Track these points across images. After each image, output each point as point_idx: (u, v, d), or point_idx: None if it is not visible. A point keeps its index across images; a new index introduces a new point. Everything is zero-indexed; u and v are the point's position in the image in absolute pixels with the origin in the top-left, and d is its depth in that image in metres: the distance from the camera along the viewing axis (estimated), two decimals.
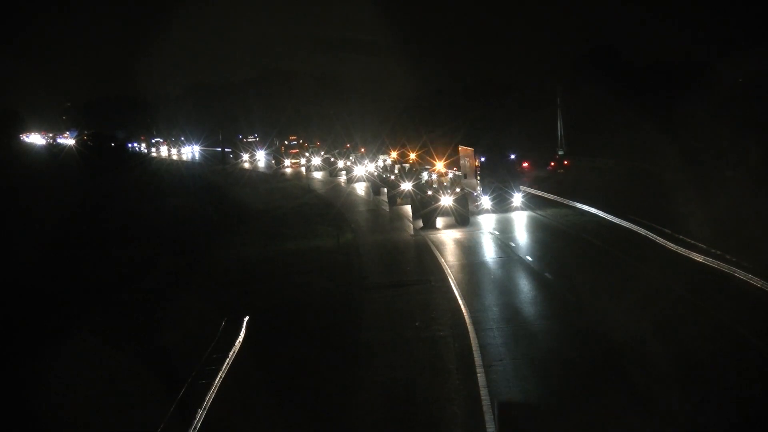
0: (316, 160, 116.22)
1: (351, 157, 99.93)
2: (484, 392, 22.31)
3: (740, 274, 32.54)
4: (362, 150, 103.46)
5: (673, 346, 24.81)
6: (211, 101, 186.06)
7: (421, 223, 53.88)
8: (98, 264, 45.54)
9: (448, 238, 49.82)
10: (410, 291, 35.82)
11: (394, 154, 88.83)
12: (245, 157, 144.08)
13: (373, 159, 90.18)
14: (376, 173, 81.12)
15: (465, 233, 50.78)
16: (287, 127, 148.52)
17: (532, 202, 59.03)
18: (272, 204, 75.15)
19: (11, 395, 25.44)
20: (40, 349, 29.58)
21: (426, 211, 53.54)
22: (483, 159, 58.25)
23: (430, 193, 54.26)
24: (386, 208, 66.58)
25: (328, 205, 72.83)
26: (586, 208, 53.70)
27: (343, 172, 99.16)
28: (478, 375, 23.64)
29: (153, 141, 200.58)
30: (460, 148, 66.45)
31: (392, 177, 69.65)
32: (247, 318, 30.18)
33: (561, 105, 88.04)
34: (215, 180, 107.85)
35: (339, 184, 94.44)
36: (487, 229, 51.41)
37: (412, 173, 63.48)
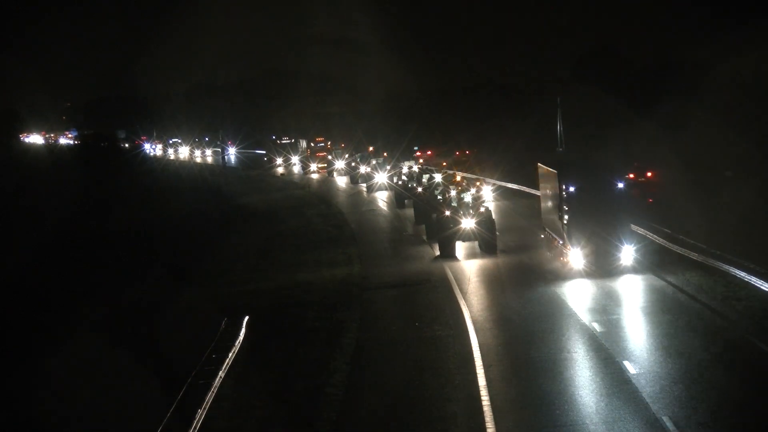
0: (340, 164, 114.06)
1: (373, 161, 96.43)
2: None
3: None
4: (385, 154, 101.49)
5: None
6: (214, 101, 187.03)
7: (438, 250, 48.99)
8: (98, 265, 47.66)
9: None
10: None
11: (421, 160, 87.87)
12: (279, 161, 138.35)
13: (397, 165, 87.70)
14: (400, 182, 77.98)
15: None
16: (313, 128, 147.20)
17: (647, 256, 40.60)
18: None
19: (11, 395, 27.41)
20: (39, 349, 31.68)
21: (443, 235, 48.42)
22: (572, 189, 40.11)
23: (448, 213, 48.53)
24: (409, 226, 62.68)
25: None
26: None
27: (366, 179, 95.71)
28: None
29: (170, 142, 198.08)
30: (539, 167, 48.66)
31: (420, 189, 65.96)
32: (247, 318, 32.12)
33: (561, 104, 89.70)
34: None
35: (360, 192, 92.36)
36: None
37: (438, 186, 59.18)
